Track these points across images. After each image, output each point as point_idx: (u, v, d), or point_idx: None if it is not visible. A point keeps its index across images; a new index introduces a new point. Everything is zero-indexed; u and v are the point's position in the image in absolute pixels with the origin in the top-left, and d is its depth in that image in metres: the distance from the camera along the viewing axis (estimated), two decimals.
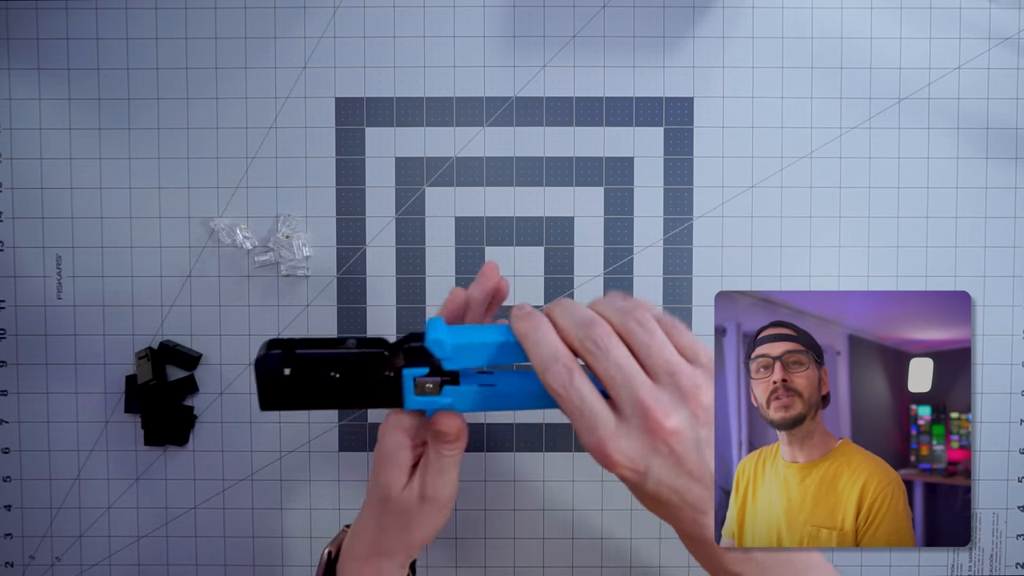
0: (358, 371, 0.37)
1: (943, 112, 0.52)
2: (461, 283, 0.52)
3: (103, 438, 0.52)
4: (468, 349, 0.36)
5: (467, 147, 0.52)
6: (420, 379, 0.37)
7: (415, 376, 0.37)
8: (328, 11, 0.52)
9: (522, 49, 0.52)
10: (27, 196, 0.52)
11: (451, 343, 0.36)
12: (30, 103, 0.52)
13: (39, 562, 0.53)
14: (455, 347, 0.36)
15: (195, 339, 0.52)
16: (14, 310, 0.52)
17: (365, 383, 0.37)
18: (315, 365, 0.37)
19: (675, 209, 0.52)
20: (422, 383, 0.37)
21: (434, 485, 0.38)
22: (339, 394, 0.37)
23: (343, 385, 0.37)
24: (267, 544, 0.53)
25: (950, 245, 0.52)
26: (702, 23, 0.52)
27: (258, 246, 0.52)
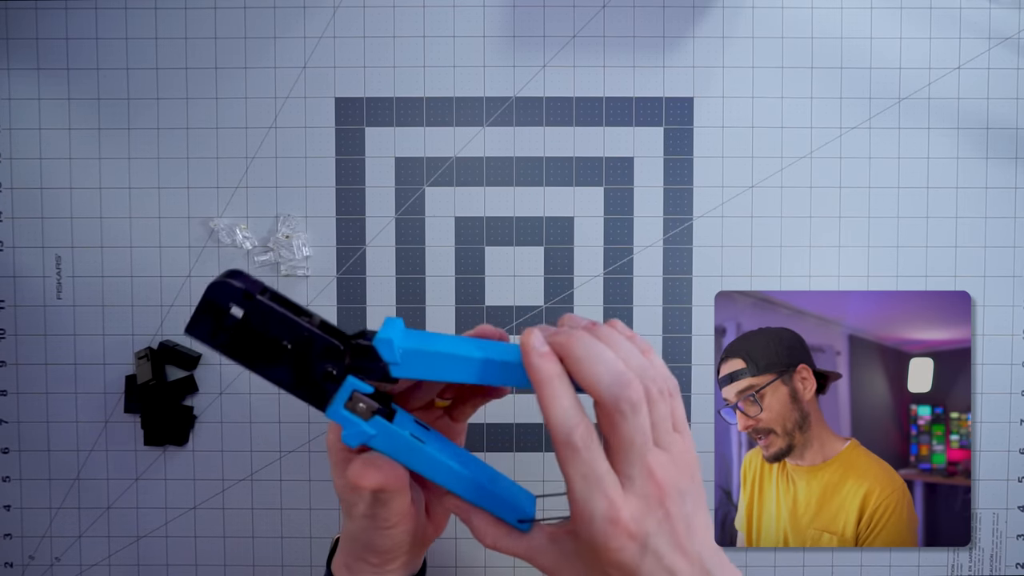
0: (307, 352, 0.32)
1: (943, 112, 0.52)
2: (461, 282, 0.52)
3: (103, 438, 0.52)
4: (422, 357, 0.32)
5: (467, 147, 0.52)
6: (358, 393, 0.32)
7: (355, 388, 0.32)
8: (328, 11, 0.52)
9: (522, 49, 0.52)
10: (27, 196, 0.52)
11: (402, 346, 0.32)
12: (30, 103, 0.52)
13: (39, 562, 0.53)
14: (406, 352, 0.32)
15: (195, 339, 0.52)
16: (14, 310, 0.52)
17: (307, 368, 0.32)
18: (271, 322, 0.32)
19: (675, 209, 0.52)
20: (358, 398, 0.32)
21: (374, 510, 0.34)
22: (275, 366, 0.32)
23: (285, 358, 0.32)
24: (267, 544, 0.53)
25: (950, 245, 0.52)
26: (702, 23, 0.52)
27: (258, 246, 0.52)
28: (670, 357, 0.52)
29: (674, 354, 0.52)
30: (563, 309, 0.52)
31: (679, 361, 0.52)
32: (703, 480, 0.52)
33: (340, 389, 0.32)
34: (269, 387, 0.52)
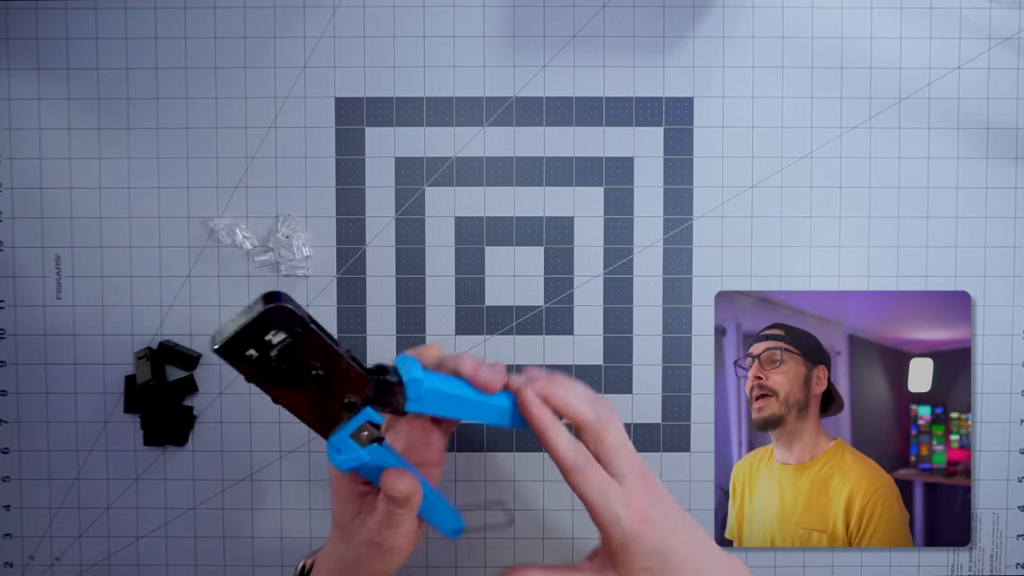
0: (337, 382, 0.33)
1: (943, 112, 0.52)
2: (461, 282, 0.52)
3: (102, 438, 0.52)
4: (437, 397, 0.35)
5: (467, 147, 0.52)
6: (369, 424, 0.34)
7: (370, 419, 0.34)
8: (328, 11, 0.52)
9: (522, 49, 0.52)
10: (26, 196, 0.52)
11: (429, 386, 0.35)
12: (29, 103, 0.52)
13: (39, 562, 0.53)
14: (430, 391, 0.35)
15: (195, 339, 0.52)
16: (13, 310, 0.52)
17: (330, 397, 0.34)
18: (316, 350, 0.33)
19: (675, 209, 0.52)
20: (363, 428, 0.34)
21: (382, 534, 0.36)
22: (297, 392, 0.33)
23: (310, 386, 0.33)
24: (267, 544, 0.53)
25: (950, 245, 0.52)
26: (702, 23, 0.52)
27: (258, 246, 0.52)
28: (670, 357, 0.52)
29: (674, 354, 0.52)
30: (563, 309, 0.52)
31: (679, 361, 0.52)
32: (703, 480, 0.52)
33: (354, 418, 0.34)
34: None
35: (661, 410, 0.52)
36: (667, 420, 0.52)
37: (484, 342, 0.52)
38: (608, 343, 0.52)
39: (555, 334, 0.52)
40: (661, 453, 0.52)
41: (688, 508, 0.52)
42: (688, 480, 0.52)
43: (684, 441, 0.52)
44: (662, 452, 0.52)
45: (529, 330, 0.52)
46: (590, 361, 0.52)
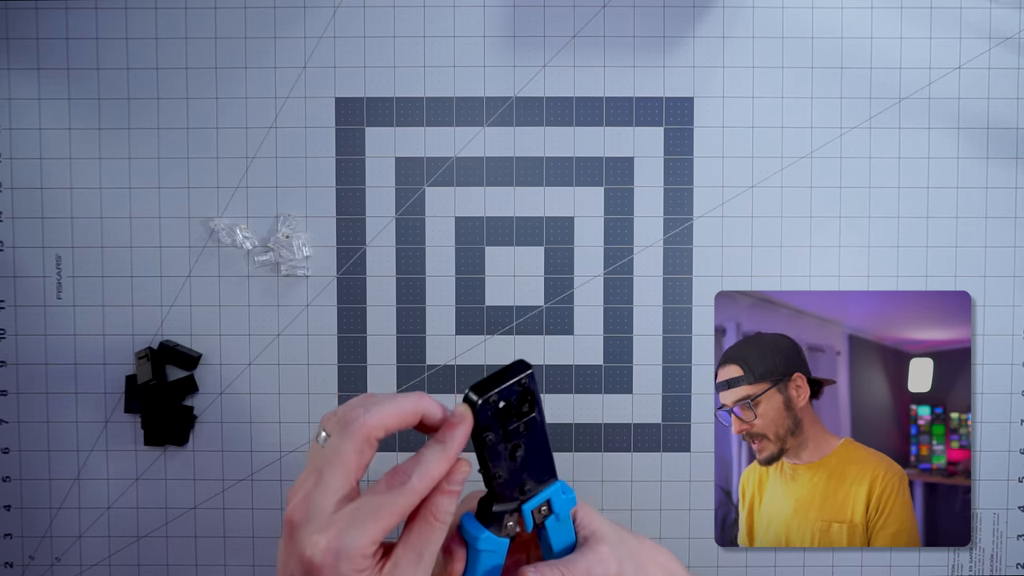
0: (526, 469, 0.34)
1: (943, 112, 0.52)
2: (461, 282, 0.52)
3: (103, 438, 0.52)
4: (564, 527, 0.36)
5: (467, 147, 0.52)
6: (534, 510, 0.35)
7: (534, 508, 0.35)
8: (328, 11, 0.52)
9: (522, 49, 0.52)
10: (27, 196, 0.52)
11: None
12: (30, 103, 0.52)
13: (39, 562, 0.53)
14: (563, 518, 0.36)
15: (195, 339, 0.52)
16: (14, 310, 0.52)
17: (517, 481, 0.34)
18: (535, 435, 0.34)
19: (675, 209, 0.52)
20: (515, 518, 0.34)
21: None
22: (502, 471, 0.34)
23: (510, 467, 0.34)
24: (267, 544, 0.53)
25: (950, 245, 0.52)
26: (702, 23, 0.52)
27: (258, 246, 0.52)
28: (670, 357, 0.52)
29: (674, 354, 0.52)
30: (563, 309, 0.52)
31: (679, 361, 0.52)
32: (703, 480, 0.52)
33: (533, 499, 0.35)
34: (269, 387, 0.52)
35: (661, 410, 0.52)
36: (667, 420, 0.52)
37: (484, 342, 0.52)
38: (608, 343, 0.52)
39: (555, 334, 0.52)
40: (661, 453, 0.52)
41: (688, 508, 0.52)
42: (688, 480, 0.52)
43: (684, 441, 0.52)
44: (662, 452, 0.52)
45: (529, 330, 0.52)
46: (590, 361, 0.52)
